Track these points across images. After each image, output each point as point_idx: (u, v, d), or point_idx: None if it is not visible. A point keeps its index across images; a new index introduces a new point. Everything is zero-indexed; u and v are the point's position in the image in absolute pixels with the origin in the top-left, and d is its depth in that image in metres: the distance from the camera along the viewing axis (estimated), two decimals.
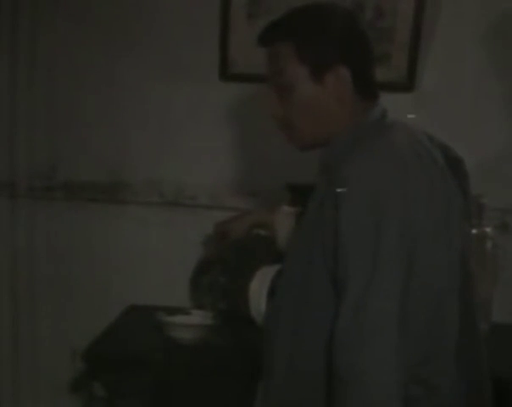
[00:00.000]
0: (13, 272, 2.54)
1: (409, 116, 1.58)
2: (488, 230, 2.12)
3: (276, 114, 1.43)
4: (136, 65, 2.44)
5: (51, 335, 2.51)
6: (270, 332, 1.42)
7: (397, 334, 1.19)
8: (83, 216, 2.50)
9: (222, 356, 1.97)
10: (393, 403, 1.18)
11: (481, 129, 2.36)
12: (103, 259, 2.50)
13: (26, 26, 2.46)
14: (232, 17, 2.39)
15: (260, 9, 2.39)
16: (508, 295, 2.26)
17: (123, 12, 2.43)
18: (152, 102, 2.45)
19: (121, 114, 2.47)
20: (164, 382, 1.92)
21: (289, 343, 1.35)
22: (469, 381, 1.39)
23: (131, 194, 2.49)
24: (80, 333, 2.09)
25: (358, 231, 1.21)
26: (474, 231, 2.00)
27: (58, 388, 2.50)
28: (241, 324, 1.98)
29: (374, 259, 1.19)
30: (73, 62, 2.47)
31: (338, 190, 1.23)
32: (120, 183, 2.49)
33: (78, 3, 2.46)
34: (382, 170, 1.24)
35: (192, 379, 1.93)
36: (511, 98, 2.37)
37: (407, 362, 1.21)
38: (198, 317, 2.09)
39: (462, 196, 1.40)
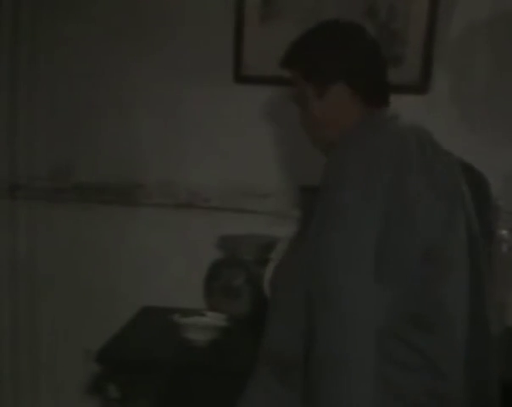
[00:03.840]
0: (23, 274, 2.54)
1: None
2: (504, 232, 2.11)
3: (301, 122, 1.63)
4: (150, 67, 2.44)
5: (63, 337, 2.51)
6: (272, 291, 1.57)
7: (369, 263, 1.26)
8: (96, 218, 2.50)
9: (236, 358, 1.97)
10: (368, 324, 1.24)
11: (495, 130, 2.35)
12: (116, 261, 2.50)
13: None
14: (246, 19, 2.39)
15: (273, 11, 2.40)
16: None
17: (137, 14, 2.44)
18: (165, 103, 2.46)
19: (134, 116, 2.48)
20: (178, 383, 1.92)
21: (284, 294, 1.46)
22: (476, 385, 1.41)
23: (144, 196, 2.50)
24: (93, 335, 2.09)
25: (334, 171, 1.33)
26: None
27: (70, 390, 2.50)
28: (254, 326, 1.98)
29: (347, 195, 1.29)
30: (87, 62, 2.47)
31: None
32: (133, 185, 2.50)
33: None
34: (374, 140, 1.36)
35: (205, 380, 1.92)
36: None
37: (390, 311, 1.28)
38: (212, 319, 2.09)
39: (478, 201, 1.46)
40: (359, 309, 1.24)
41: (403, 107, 1.51)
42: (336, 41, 1.55)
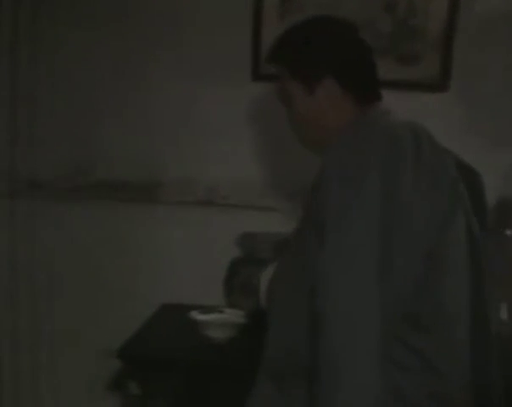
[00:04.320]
0: (43, 271, 2.55)
1: None
2: None
3: (289, 121, 1.61)
4: (169, 65, 2.46)
5: (81, 334, 2.52)
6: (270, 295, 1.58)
7: (375, 267, 1.23)
8: (115, 216, 2.52)
9: (255, 355, 1.97)
10: (374, 329, 1.21)
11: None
12: (135, 259, 2.52)
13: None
14: (264, 16, 2.40)
15: (291, 8, 2.40)
16: None
17: (155, 14, 2.46)
18: (184, 101, 2.47)
19: (153, 114, 2.49)
20: (197, 380, 1.93)
21: (284, 294, 1.46)
22: (477, 385, 1.40)
23: (163, 194, 2.51)
24: (112, 333, 2.10)
25: (336, 176, 1.29)
26: (508, 232, 1.99)
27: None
28: None
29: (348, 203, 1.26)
30: (107, 58, 2.49)
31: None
32: (153, 183, 2.51)
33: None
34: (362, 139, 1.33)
35: (225, 378, 1.93)
36: None
37: (388, 311, 1.25)
38: (232, 316, 2.09)
39: (474, 201, 1.44)
40: (363, 311, 1.21)
41: (421, 105, 1.50)
42: (323, 35, 1.53)
